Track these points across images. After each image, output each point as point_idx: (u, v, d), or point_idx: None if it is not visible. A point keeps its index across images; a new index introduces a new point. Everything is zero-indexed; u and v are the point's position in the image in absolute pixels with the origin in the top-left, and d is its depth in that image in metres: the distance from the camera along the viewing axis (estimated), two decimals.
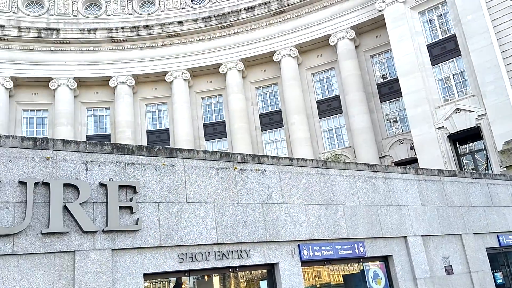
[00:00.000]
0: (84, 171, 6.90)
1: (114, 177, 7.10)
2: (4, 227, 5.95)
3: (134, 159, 7.44)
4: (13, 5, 32.69)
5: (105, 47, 33.37)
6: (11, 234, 5.97)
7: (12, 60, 31.45)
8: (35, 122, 32.42)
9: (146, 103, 34.16)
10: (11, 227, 6.00)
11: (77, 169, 6.83)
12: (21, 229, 6.02)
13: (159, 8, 34.63)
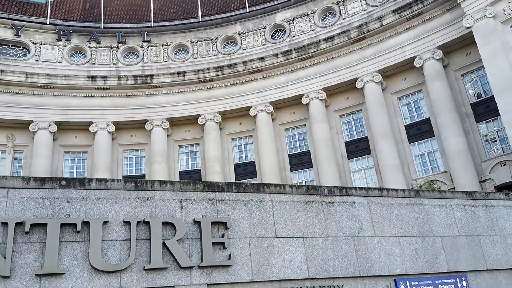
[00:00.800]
0: (179, 209, 7.32)
1: (206, 213, 7.43)
2: (112, 264, 6.48)
3: (224, 196, 7.74)
4: (113, 57, 36.17)
5: (193, 88, 35.42)
6: (118, 271, 6.47)
7: (113, 106, 34.54)
8: (134, 161, 34.96)
9: (233, 138, 35.36)
10: (118, 263, 6.51)
11: (173, 207, 7.28)
12: (126, 266, 6.51)
13: (241, 47, 36.18)
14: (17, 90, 32.65)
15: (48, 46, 35.09)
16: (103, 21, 37.19)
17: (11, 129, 32.35)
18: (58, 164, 32.95)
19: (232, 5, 38.55)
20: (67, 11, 38.17)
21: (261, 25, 36.28)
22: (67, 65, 35.05)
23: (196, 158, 35.12)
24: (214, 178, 32.34)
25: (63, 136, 33.71)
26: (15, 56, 34.22)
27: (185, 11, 39.11)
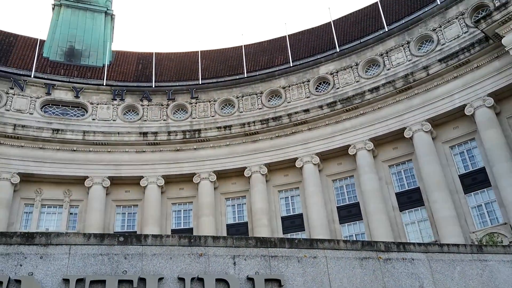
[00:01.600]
0: (232, 265, 7.26)
1: (259, 270, 7.31)
2: None
3: (277, 252, 7.62)
4: (163, 113, 37.75)
5: (239, 141, 36.05)
6: None
7: (163, 160, 35.61)
8: (182, 215, 35.37)
9: (279, 190, 35.20)
10: None
11: (226, 263, 7.23)
12: None
13: (285, 100, 36.83)
14: (75, 148, 34.48)
15: (104, 105, 37.20)
16: (155, 80, 39.25)
17: (68, 184, 33.87)
18: (110, 218, 33.85)
19: (276, 61, 39.74)
20: (121, 72, 40.71)
21: (305, 78, 36.99)
22: (120, 122, 36.84)
23: (243, 211, 35.06)
24: (261, 231, 31.99)
25: (115, 190, 34.83)
26: (74, 116, 36.47)
27: (231, 68, 40.68)
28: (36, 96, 35.60)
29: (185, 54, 42.83)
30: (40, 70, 37.47)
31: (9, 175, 31.82)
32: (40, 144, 33.73)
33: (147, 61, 41.48)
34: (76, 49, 41.63)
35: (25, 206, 32.75)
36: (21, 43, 39.05)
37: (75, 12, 44.11)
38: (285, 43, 39.66)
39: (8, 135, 32.90)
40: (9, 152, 32.73)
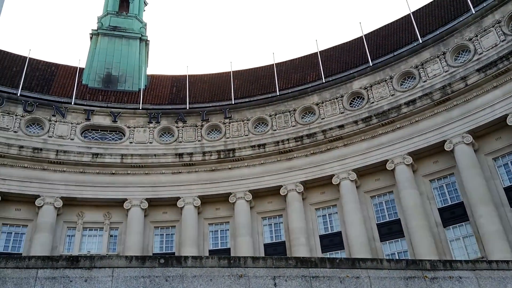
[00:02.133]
0: (273, 286, 7.11)
1: None
2: None
3: (318, 272, 7.42)
4: (198, 134, 38.22)
5: (273, 159, 35.92)
6: None
7: (199, 181, 35.90)
8: (219, 235, 35.34)
9: (316, 208, 34.67)
10: None
11: (266, 285, 7.08)
12: None
13: (319, 116, 36.56)
14: (114, 171, 35.31)
15: (140, 128, 38.07)
16: (188, 102, 39.95)
17: (108, 207, 34.60)
18: (149, 239, 34.24)
19: (308, 78, 39.70)
20: (156, 96, 41.72)
21: (338, 94, 36.69)
22: (157, 145, 37.54)
23: (280, 230, 34.68)
24: (299, 250, 31.51)
25: (153, 212, 35.29)
26: (112, 140, 37.50)
27: (263, 87, 40.92)
28: (76, 122, 36.88)
29: (218, 75, 43.50)
30: (80, 97, 38.89)
31: (53, 199, 32.87)
32: (81, 168, 34.76)
33: (180, 83, 42.36)
34: (113, 75, 43.06)
35: (68, 229, 33.63)
36: (62, 72, 40.76)
37: (112, 40, 45.78)
38: (316, 60, 39.62)
39: (51, 160, 34.11)
40: (52, 177, 33.87)
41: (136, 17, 48.86)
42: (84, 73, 42.12)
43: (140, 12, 50.40)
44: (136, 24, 48.24)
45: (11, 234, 32.24)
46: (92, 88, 41.14)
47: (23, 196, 32.72)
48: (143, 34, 47.90)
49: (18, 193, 32.57)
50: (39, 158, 33.84)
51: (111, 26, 46.84)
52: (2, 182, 32.22)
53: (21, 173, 33.15)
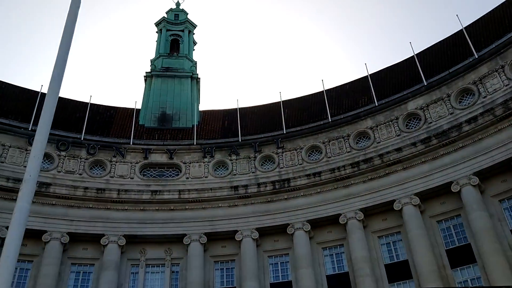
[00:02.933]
0: None
1: None
2: None
3: None
4: (251, 166, 38.30)
5: (330, 187, 35.17)
6: None
7: (255, 213, 35.68)
8: (279, 267, 34.63)
9: (379, 236, 33.29)
10: None
11: None
12: None
13: (374, 141, 35.62)
14: (172, 207, 35.97)
15: (195, 163, 38.78)
16: (241, 134, 40.35)
17: (169, 243, 35.04)
18: (210, 274, 34.14)
19: (360, 102, 39.05)
20: (209, 130, 42.57)
21: (393, 116, 35.68)
22: (212, 178, 37.96)
23: (342, 260, 33.46)
24: (364, 281, 30.20)
25: (212, 246, 35.31)
26: (169, 176, 38.40)
27: (314, 115, 40.67)
28: (135, 161, 38.21)
29: (268, 105, 43.83)
30: (138, 136, 40.42)
31: (116, 237, 33.83)
32: (141, 206, 35.71)
33: (232, 117, 43.02)
34: (167, 113, 44.58)
35: (132, 266, 34.30)
36: (120, 114, 42.74)
37: (165, 80, 47.67)
38: (367, 83, 38.98)
39: (113, 200, 35.34)
40: (115, 215, 34.99)
41: (186, 56, 50.75)
42: (141, 113, 43.89)
43: (190, 51, 52.35)
44: (186, 63, 50.06)
45: (79, 274, 33.35)
46: (149, 127, 42.69)
47: (89, 235, 33.95)
48: (194, 72, 49.53)
49: (84, 232, 33.85)
50: (103, 198, 35.16)
51: (163, 67, 48.88)
52: (70, 223, 33.65)
53: (87, 213, 34.52)
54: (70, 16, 11.44)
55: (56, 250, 32.35)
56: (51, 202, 33.63)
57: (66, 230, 33.16)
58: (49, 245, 32.30)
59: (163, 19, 54.28)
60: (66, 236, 32.92)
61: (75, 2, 11.58)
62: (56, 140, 35.83)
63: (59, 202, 33.97)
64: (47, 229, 32.50)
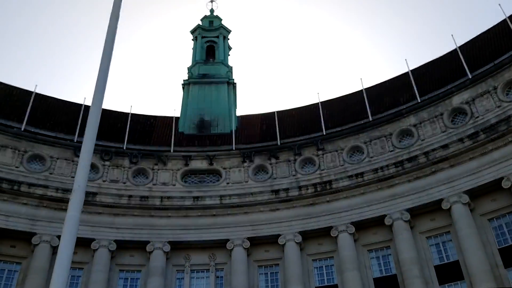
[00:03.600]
0: None
1: None
2: None
3: None
4: (292, 169, 37.95)
5: (373, 188, 34.35)
6: None
7: (297, 216, 35.28)
8: (324, 271, 34.09)
9: (427, 236, 32.15)
10: None
11: None
12: None
13: (418, 138, 34.52)
14: (214, 212, 36.20)
15: (235, 169, 38.88)
16: (279, 138, 40.14)
17: (212, 249, 35.25)
18: (254, 279, 34.07)
19: (401, 99, 37.98)
20: (248, 135, 42.62)
21: (437, 112, 34.46)
22: (252, 183, 37.91)
23: (389, 263, 32.54)
24: (413, 283, 29.24)
25: (255, 251, 35.23)
26: (210, 182, 38.69)
27: (353, 114, 39.91)
28: (176, 168, 38.75)
29: (306, 107, 43.42)
30: (178, 144, 40.99)
31: (161, 244, 34.37)
32: (183, 212, 36.14)
33: (270, 120, 42.88)
34: (206, 120, 45.02)
35: (177, 272, 34.73)
36: (159, 123, 43.53)
37: (202, 87, 48.22)
38: (408, 79, 37.88)
39: (157, 207, 35.96)
40: (159, 222, 35.58)
41: (222, 62, 51.18)
42: (180, 121, 44.55)
43: (225, 57, 52.77)
44: (223, 69, 50.46)
45: (127, 280, 34.10)
46: (188, 134, 43.24)
47: (135, 242, 34.67)
48: (230, 78, 49.84)
49: (130, 240, 34.60)
50: (146, 206, 35.85)
51: (200, 74, 49.48)
52: (117, 231, 34.49)
53: (132, 221, 35.27)
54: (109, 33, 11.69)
55: (105, 257, 33.22)
56: (98, 211, 34.60)
57: (113, 238, 34.01)
58: (98, 253, 33.22)
59: (198, 27, 55.02)
60: (113, 243, 33.76)
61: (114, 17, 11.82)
62: (100, 151, 36.86)
63: (105, 211, 34.90)
64: (95, 237, 33.44)
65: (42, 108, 38.94)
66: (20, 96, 38.68)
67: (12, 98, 38.30)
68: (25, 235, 32.13)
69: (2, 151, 34.35)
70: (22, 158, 34.82)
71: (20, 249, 32.19)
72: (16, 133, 35.50)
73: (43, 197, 33.49)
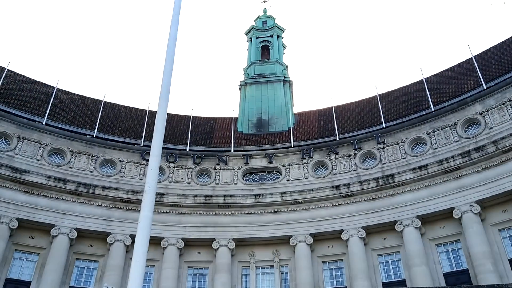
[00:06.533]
0: None
1: None
2: None
3: None
4: (352, 164, 37.55)
5: (439, 180, 33.21)
6: None
7: (359, 211, 34.90)
8: (390, 266, 33.48)
9: (499, 228, 30.58)
10: None
11: None
12: None
13: (486, 127, 32.91)
14: (276, 209, 36.69)
15: (295, 166, 39.14)
16: (338, 133, 39.87)
17: (275, 245, 35.82)
18: (319, 274, 34.17)
19: (465, 87, 36.36)
20: (305, 132, 42.70)
21: (505, 98, 32.61)
22: (312, 179, 37.99)
23: (460, 257, 31.33)
24: (486, 278, 27.98)
25: (318, 246, 35.30)
26: (270, 180, 39.27)
27: (414, 105, 38.78)
28: (237, 167, 39.71)
29: (364, 101, 42.75)
30: (238, 144, 41.98)
31: (226, 241, 35.42)
32: (246, 210, 36.97)
33: (327, 116, 42.70)
34: (263, 119, 45.65)
35: (242, 268, 35.66)
36: (219, 124, 44.79)
37: (258, 87, 48.90)
38: (472, 66, 36.18)
39: (220, 205, 37.10)
40: (223, 220, 36.68)
41: (277, 61, 51.56)
42: (238, 121, 45.53)
43: (280, 56, 53.09)
44: (278, 67, 50.84)
45: (196, 276, 35.53)
46: (247, 134, 44.11)
47: (201, 240, 36.01)
48: (286, 76, 50.09)
49: (197, 237, 35.98)
50: (210, 204, 37.08)
51: (256, 74, 50.20)
52: (184, 229, 36.01)
53: (197, 219, 36.66)
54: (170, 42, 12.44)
55: (174, 255, 34.81)
56: (166, 210, 36.30)
57: (181, 236, 35.55)
58: (167, 251, 34.87)
59: (252, 27, 55.78)
60: (181, 241, 35.29)
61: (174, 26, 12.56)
62: (165, 153, 38.60)
63: (173, 210, 36.54)
64: (165, 236, 35.13)
65: (110, 115, 41.49)
66: (91, 105, 41.46)
67: (84, 107, 41.15)
68: (101, 235, 34.46)
69: (78, 157, 37.04)
70: (95, 163, 37.33)
71: (97, 248, 34.57)
72: (89, 140, 38.12)
73: (115, 199, 35.69)
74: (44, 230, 33.29)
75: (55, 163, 35.97)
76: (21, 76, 40.30)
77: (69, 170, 35.94)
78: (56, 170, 35.44)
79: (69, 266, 33.19)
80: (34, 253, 32.93)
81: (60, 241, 32.79)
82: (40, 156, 35.52)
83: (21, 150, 35.06)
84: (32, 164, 34.73)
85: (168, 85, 12.02)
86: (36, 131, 36.44)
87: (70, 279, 32.89)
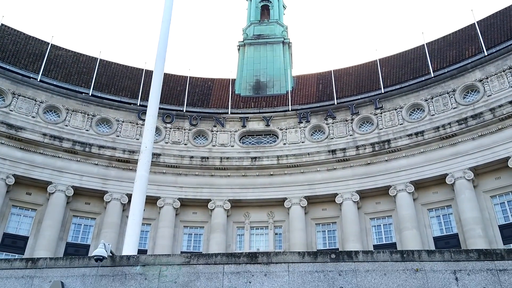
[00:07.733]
0: (454, 281, 6.60)
1: (487, 286, 6.47)
2: None
3: (507, 265, 6.63)
4: (349, 129, 37.58)
5: (434, 146, 33.41)
6: None
7: (354, 176, 35.25)
8: (382, 229, 34.18)
9: (491, 195, 31.08)
10: None
11: (446, 279, 6.61)
12: None
13: (484, 94, 32.78)
14: (272, 172, 37.00)
15: (292, 129, 39.16)
16: (336, 97, 39.65)
17: (270, 207, 36.39)
18: (312, 236, 34.93)
19: (466, 53, 35.92)
20: (304, 95, 42.42)
21: (505, 65, 32.32)
22: (309, 143, 38.12)
23: (450, 222, 31.99)
24: (475, 243, 28.64)
25: (312, 209, 35.88)
26: (267, 143, 39.37)
27: (414, 71, 38.41)
28: (234, 130, 39.71)
29: (363, 65, 42.28)
30: (235, 106, 41.77)
31: (222, 202, 35.93)
32: (242, 172, 37.26)
33: (326, 80, 42.32)
34: (261, 81, 45.24)
35: (237, 229, 36.36)
36: (217, 85, 44.37)
37: (257, 48, 48.15)
38: (474, 32, 35.62)
39: (216, 167, 37.33)
40: (219, 182, 37.03)
41: (277, 22, 50.55)
42: (236, 83, 45.11)
43: (280, 16, 52.01)
44: (278, 29, 49.90)
45: (191, 235, 36.25)
46: (245, 96, 43.80)
47: (197, 200, 36.48)
48: (285, 37, 49.25)
49: (193, 198, 36.43)
50: (207, 166, 37.31)
51: (255, 35, 49.30)
52: (180, 190, 36.41)
53: (193, 180, 36.99)
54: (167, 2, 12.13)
55: (170, 214, 35.36)
56: (162, 171, 36.54)
57: (177, 196, 35.98)
58: (163, 210, 35.39)
59: None
60: (177, 201, 35.76)
61: None
62: (161, 114, 38.42)
63: (169, 171, 36.79)
64: (161, 196, 35.55)
65: (106, 74, 40.97)
66: (86, 63, 40.85)
67: (79, 64, 40.54)
68: (97, 193, 34.82)
69: (74, 116, 36.86)
70: (91, 122, 37.20)
71: (93, 206, 35.03)
72: (84, 98, 37.83)
73: (111, 158, 35.83)
74: (40, 187, 33.58)
75: (50, 121, 35.84)
76: (15, 31, 39.47)
77: (64, 128, 35.87)
78: (52, 128, 35.36)
79: (66, 223, 33.73)
80: (31, 209, 33.39)
81: (57, 198, 33.16)
82: (35, 113, 35.34)
83: (16, 106, 34.83)
84: (28, 121, 34.60)
85: (165, 44, 11.82)
86: (31, 88, 36.08)
87: (67, 235, 33.50)
